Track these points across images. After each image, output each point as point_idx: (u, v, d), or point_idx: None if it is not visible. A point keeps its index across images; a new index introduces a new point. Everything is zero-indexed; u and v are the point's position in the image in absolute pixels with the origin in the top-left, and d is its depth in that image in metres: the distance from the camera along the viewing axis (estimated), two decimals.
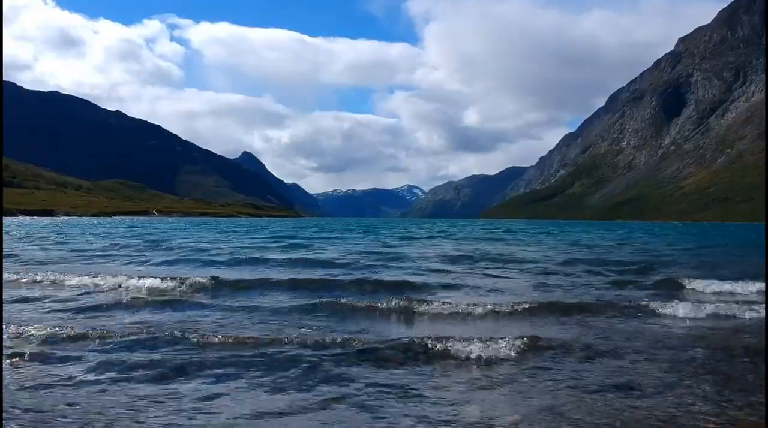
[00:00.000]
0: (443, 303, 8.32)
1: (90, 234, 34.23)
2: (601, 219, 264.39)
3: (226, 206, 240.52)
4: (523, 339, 5.93)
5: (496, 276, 12.74)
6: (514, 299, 8.89)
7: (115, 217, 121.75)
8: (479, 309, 7.98)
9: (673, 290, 10.57)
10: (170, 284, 10.02)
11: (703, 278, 11.32)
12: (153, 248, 20.67)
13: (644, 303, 8.52)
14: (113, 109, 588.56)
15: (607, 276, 12.71)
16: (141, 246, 21.22)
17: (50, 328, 6.26)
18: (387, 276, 12.27)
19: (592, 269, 14.22)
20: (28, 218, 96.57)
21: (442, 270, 13.79)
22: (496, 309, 8.04)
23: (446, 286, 10.81)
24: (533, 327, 7.15)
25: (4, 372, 4.85)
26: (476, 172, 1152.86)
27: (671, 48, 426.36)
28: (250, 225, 67.41)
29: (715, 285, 10.63)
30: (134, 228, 46.34)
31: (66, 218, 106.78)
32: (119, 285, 10.00)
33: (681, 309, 8.14)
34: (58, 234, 33.68)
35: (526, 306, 8.19)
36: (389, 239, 30.70)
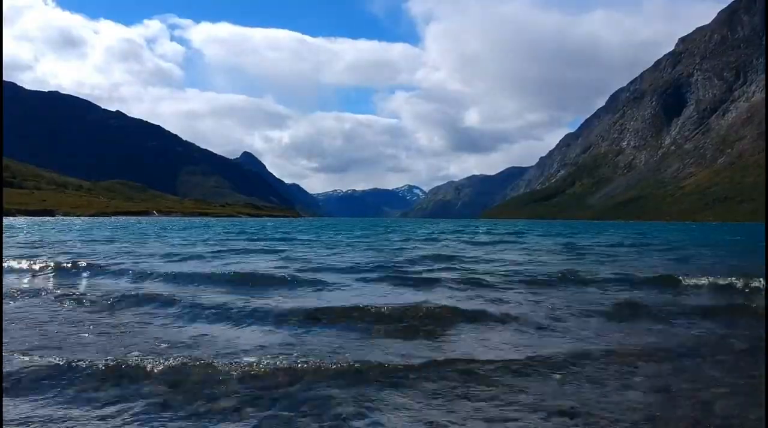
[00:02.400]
0: None
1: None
2: (602, 220, 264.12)
3: (226, 206, 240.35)
4: None
5: None
6: None
7: (115, 218, 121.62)
8: None
9: None
10: None
11: None
12: None
13: None
14: (114, 110, 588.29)
15: None
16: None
17: None
18: None
19: None
20: (30, 219, 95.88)
21: None
22: None
23: None
24: None
25: None
26: (477, 172, 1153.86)
27: (671, 48, 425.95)
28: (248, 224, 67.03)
29: None
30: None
31: (67, 218, 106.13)
32: None
33: None
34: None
35: None
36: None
